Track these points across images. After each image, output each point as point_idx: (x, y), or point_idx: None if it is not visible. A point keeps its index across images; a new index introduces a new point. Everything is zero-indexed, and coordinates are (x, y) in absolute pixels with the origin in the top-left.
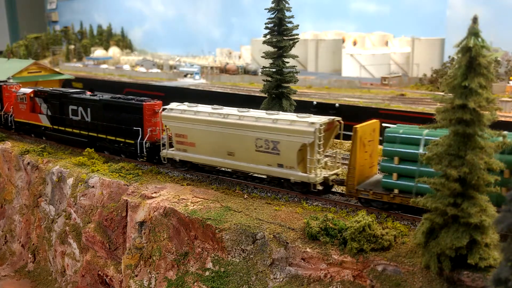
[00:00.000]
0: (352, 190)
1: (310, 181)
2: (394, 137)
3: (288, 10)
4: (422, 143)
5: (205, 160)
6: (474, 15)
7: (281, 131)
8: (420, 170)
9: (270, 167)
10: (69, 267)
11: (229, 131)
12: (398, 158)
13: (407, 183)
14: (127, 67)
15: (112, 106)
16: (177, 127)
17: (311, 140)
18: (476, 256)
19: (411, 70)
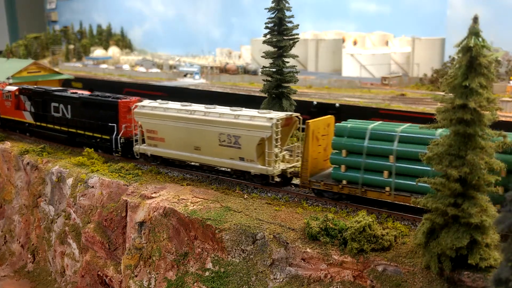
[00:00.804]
0: (306, 181)
1: (268, 173)
2: (342, 130)
3: (288, 10)
4: (367, 136)
5: (174, 155)
6: (475, 15)
7: (241, 126)
8: (366, 162)
9: (233, 161)
10: (68, 267)
11: (195, 126)
12: (346, 151)
13: (354, 174)
14: (126, 67)
15: (90, 103)
16: (148, 123)
17: (269, 134)
18: (477, 256)
19: (412, 70)
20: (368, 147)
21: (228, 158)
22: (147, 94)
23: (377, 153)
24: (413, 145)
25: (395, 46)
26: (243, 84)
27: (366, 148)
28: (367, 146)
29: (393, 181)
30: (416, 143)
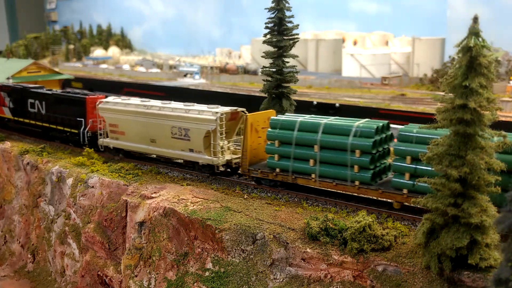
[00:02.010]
0: (245, 170)
1: (214, 163)
2: (276, 123)
3: (288, 10)
4: (296, 128)
5: (133, 147)
6: (475, 14)
7: (190, 120)
8: (295, 151)
9: (184, 152)
10: (68, 268)
11: (151, 120)
12: (279, 142)
13: (285, 163)
14: (126, 67)
15: (62, 99)
16: (111, 117)
17: (214, 127)
18: (477, 256)
19: (412, 70)
20: (297, 138)
21: (180, 149)
22: (147, 94)
23: (304, 143)
24: (334, 136)
25: (395, 46)
26: (243, 84)
27: (295, 139)
28: (296, 136)
29: (318, 168)
30: (337, 133)
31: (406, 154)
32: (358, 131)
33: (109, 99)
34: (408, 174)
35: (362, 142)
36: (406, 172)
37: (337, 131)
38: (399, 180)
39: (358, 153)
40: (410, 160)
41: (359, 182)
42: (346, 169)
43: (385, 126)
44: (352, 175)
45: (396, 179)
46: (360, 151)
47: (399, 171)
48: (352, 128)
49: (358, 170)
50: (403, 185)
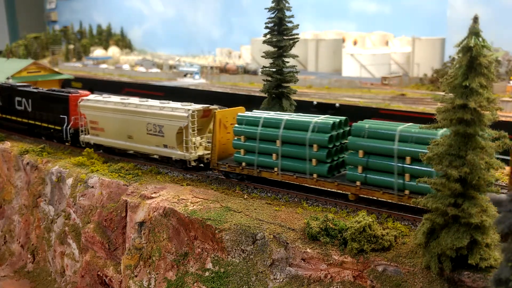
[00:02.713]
0: (214, 164)
1: (186, 158)
2: (241, 119)
3: (288, 10)
4: (261, 124)
5: (111, 143)
6: (475, 14)
7: (164, 117)
8: (259, 146)
9: (158, 148)
10: (68, 268)
11: (128, 117)
12: (244, 137)
13: (251, 157)
14: (126, 67)
15: (46, 97)
16: (91, 115)
17: (186, 124)
18: (477, 256)
19: (412, 70)
20: (261, 133)
21: (155, 145)
22: (147, 94)
23: (267, 138)
24: (294, 131)
25: (395, 46)
26: (243, 84)
27: (259, 134)
28: (260, 132)
29: (280, 162)
30: (297, 129)
31: (359, 148)
32: (316, 127)
33: (90, 97)
34: (361, 167)
35: (319, 137)
36: (359, 165)
37: (297, 127)
38: (353, 173)
39: (315, 147)
40: (362, 153)
41: (317, 175)
42: (305, 162)
43: (342, 122)
44: (310, 168)
45: (350, 172)
46: (318, 145)
47: (353, 164)
48: (310, 124)
49: (316, 164)
50: (356, 177)
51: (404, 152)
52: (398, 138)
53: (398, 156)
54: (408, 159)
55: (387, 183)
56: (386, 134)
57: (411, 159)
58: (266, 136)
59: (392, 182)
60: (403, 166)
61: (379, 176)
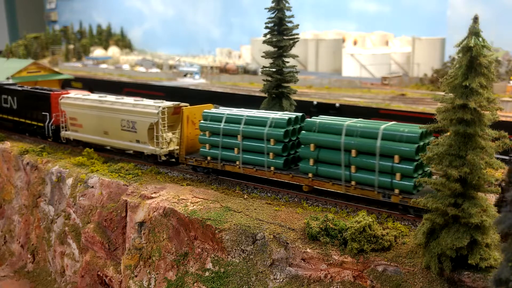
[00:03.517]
0: (182, 158)
1: (157, 153)
2: (206, 116)
3: (288, 10)
4: (224, 120)
5: (89, 139)
6: (475, 14)
7: (137, 113)
8: (223, 141)
9: (132, 143)
10: (68, 268)
11: (104, 114)
12: (209, 132)
13: (215, 151)
14: (126, 66)
15: (30, 95)
16: (71, 111)
17: (156, 120)
18: (477, 256)
19: (412, 69)
20: (224, 129)
21: (128, 140)
22: (147, 94)
23: (230, 134)
24: (254, 126)
25: (395, 46)
26: (243, 84)
27: (222, 130)
28: (223, 127)
29: (241, 156)
30: (256, 125)
31: (310, 142)
32: (273, 122)
33: (70, 95)
34: (312, 159)
35: (275, 132)
36: (311, 158)
37: (256, 123)
38: (305, 165)
39: (272, 141)
40: (313, 147)
41: (274, 168)
42: (263, 156)
43: (299, 118)
44: (268, 161)
45: (303, 165)
46: (274, 139)
47: (305, 157)
48: (268, 119)
49: (273, 157)
50: (308, 169)
51: (350, 145)
52: (344, 132)
53: (345, 149)
54: (353, 152)
55: (335, 175)
56: (334, 128)
57: (356, 151)
58: (229, 131)
59: (340, 173)
60: (349, 158)
61: (329, 168)
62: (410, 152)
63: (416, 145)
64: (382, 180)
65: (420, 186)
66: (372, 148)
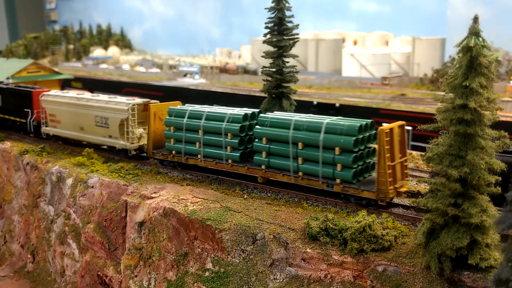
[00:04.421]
0: (150, 153)
1: (127, 147)
2: (171, 112)
3: (288, 10)
4: (187, 115)
5: (67, 134)
6: (475, 14)
7: (109, 110)
8: (186, 135)
9: (105, 138)
10: (68, 268)
11: (80, 110)
12: (174, 127)
13: (179, 146)
14: (126, 66)
15: (14, 93)
16: (50, 108)
17: (126, 116)
18: (477, 256)
19: (412, 69)
20: (186, 124)
21: (102, 136)
22: (147, 94)
23: (192, 129)
24: (213, 122)
25: (395, 46)
26: (243, 84)
27: (185, 125)
28: (186, 123)
29: (202, 150)
30: (215, 120)
31: (263, 136)
32: (230, 118)
33: (50, 93)
34: (265, 152)
35: (232, 127)
36: (263, 151)
37: (216, 118)
38: (259, 158)
39: (230, 136)
40: (265, 140)
41: (232, 161)
42: (222, 149)
43: (255, 114)
44: (226, 155)
45: (256, 157)
46: (231, 134)
47: (259, 150)
48: (226, 115)
49: (231, 150)
50: (262, 162)
51: (297, 139)
52: (292, 126)
53: (293, 142)
54: (300, 145)
55: (285, 166)
56: (283, 123)
57: (303, 144)
58: (191, 127)
59: (288, 165)
60: (297, 151)
61: (279, 160)
62: (349, 145)
63: (354, 138)
64: (325, 170)
65: (361, 176)
66: (316, 141)
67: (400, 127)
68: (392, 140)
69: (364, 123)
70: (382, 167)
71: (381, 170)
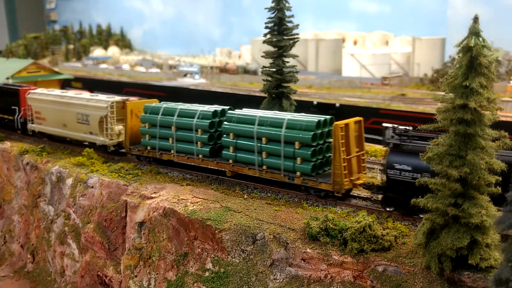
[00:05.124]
0: (127, 148)
1: (106, 143)
2: (147, 108)
3: (288, 10)
4: (161, 112)
5: (51, 131)
6: (475, 14)
7: (89, 107)
8: (160, 131)
9: (86, 134)
10: (68, 268)
11: (63, 108)
12: (148, 124)
13: (153, 141)
14: (126, 66)
15: (2, 91)
16: (36, 106)
17: (105, 113)
18: (477, 256)
19: (412, 69)
20: (160, 120)
21: (83, 132)
22: (147, 94)
23: (165, 125)
24: (185, 118)
25: (395, 46)
26: (243, 84)
27: (159, 121)
28: (160, 119)
29: (175, 145)
30: (187, 116)
31: (230, 132)
32: (201, 114)
33: (36, 91)
34: (232, 147)
35: (202, 123)
36: (231, 146)
37: (187, 115)
38: (227, 152)
39: (200, 131)
40: (233, 136)
41: (202, 156)
42: (193, 145)
43: (225, 111)
44: (197, 150)
45: (225, 152)
46: (202, 130)
47: (227, 145)
48: (197, 112)
49: (201, 146)
50: (229, 156)
51: (261, 134)
52: (257, 122)
53: (257, 137)
54: (264, 140)
55: (250, 160)
56: (249, 119)
57: (266, 139)
58: (164, 123)
59: (254, 159)
60: (261, 145)
61: (245, 154)
62: (307, 139)
63: (312, 133)
64: (287, 164)
65: (321, 169)
66: (278, 136)
67: (357, 123)
68: (348, 135)
69: (322, 119)
70: (337, 160)
71: (336, 163)
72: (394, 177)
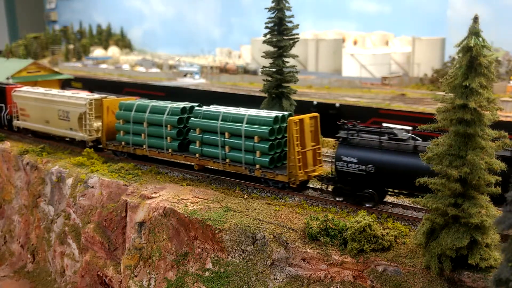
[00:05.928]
0: (103, 144)
1: (85, 139)
2: (121, 105)
3: (288, 10)
4: (134, 109)
5: (34, 127)
6: (475, 14)
7: (70, 105)
8: (133, 127)
9: (66, 131)
10: (68, 268)
11: (45, 105)
12: (123, 120)
13: (127, 137)
14: (126, 66)
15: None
16: (21, 103)
17: (84, 110)
18: (477, 256)
19: (412, 70)
20: (133, 117)
21: (64, 128)
22: (147, 94)
23: (138, 121)
24: (156, 114)
25: (395, 46)
26: (243, 84)
27: (132, 117)
28: (133, 116)
29: (147, 140)
30: (158, 113)
31: (197, 127)
32: (170, 111)
33: (22, 88)
34: (199, 142)
35: (171, 119)
36: (197, 140)
37: (158, 111)
38: (194, 147)
39: (169, 127)
40: (199, 131)
41: (172, 150)
42: (163, 140)
43: (193, 107)
44: (167, 144)
45: (192, 146)
46: (171, 125)
47: (194, 140)
48: (167, 108)
49: (171, 141)
50: (196, 150)
51: (224, 129)
52: (221, 118)
53: (221, 132)
54: (227, 134)
55: (215, 154)
56: (213, 115)
57: (229, 134)
58: (137, 119)
59: (218, 153)
60: (224, 140)
61: (210, 148)
62: (265, 134)
63: (269, 128)
64: (247, 157)
65: (279, 162)
66: (239, 131)
67: (313, 118)
68: (303, 130)
69: (280, 115)
70: (292, 153)
71: (291, 156)
72: (342, 169)
